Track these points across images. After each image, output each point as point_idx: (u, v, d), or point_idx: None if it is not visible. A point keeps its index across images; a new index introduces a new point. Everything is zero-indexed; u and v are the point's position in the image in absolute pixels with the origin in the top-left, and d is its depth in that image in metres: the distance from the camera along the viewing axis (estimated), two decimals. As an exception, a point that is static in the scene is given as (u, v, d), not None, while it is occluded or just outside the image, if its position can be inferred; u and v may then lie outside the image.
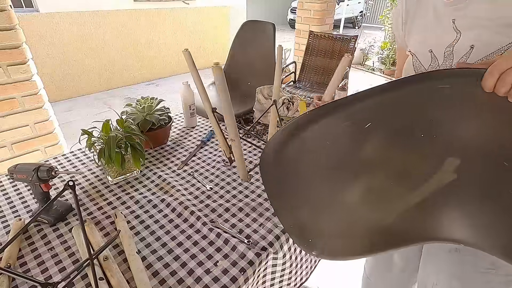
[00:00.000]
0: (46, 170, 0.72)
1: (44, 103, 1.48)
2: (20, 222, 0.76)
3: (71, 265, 0.67)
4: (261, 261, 0.69)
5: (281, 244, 0.75)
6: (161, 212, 0.83)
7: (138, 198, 0.88)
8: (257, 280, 0.72)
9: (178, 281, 0.64)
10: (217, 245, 0.72)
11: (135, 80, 4.78)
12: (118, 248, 0.71)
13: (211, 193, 0.91)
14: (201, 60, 5.69)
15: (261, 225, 0.79)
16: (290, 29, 10.21)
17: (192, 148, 1.16)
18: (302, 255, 0.87)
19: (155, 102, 1.13)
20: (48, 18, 3.59)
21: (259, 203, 0.87)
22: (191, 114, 1.30)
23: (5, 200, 0.86)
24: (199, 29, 5.38)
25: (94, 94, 4.30)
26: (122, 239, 0.71)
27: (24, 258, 0.68)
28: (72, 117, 3.53)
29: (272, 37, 1.42)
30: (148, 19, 4.58)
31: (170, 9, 4.82)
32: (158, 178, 0.97)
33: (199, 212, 0.83)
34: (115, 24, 4.23)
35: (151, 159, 1.09)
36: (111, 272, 0.62)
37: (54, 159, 1.08)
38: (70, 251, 0.70)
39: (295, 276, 0.86)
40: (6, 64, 1.31)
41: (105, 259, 0.65)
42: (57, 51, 3.79)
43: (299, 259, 0.87)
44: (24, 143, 1.46)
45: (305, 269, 0.90)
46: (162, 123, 1.11)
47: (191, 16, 5.17)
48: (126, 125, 0.95)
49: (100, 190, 0.92)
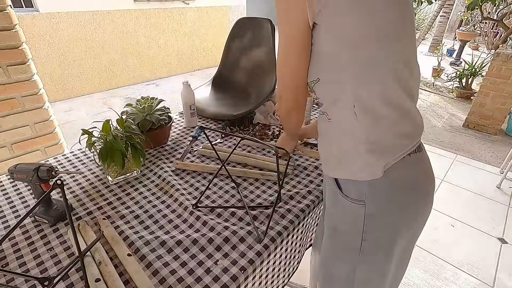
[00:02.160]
0: (46, 170, 0.72)
1: (44, 103, 1.48)
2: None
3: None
4: (262, 260, 0.69)
5: (281, 240, 0.75)
6: (161, 212, 0.83)
7: (138, 199, 0.88)
8: (259, 281, 0.72)
9: (178, 280, 0.63)
10: (216, 243, 0.72)
11: (135, 80, 4.78)
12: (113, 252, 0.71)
13: (210, 193, 0.91)
14: (201, 60, 5.69)
15: (261, 223, 0.79)
16: (290, 29, 10.19)
17: (192, 147, 1.16)
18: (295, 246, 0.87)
19: (155, 102, 1.13)
20: (48, 18, 3.59)
21: (259, 203, 0.87)
22: (191, 114, 1.30)
23: (5, 200, 0.86)
24: (199, 29, 5.38)
25: (94, 94, 4.30)
26: (112, 245, 0.71)
27: (23, 258, 0.68)
28: (72, 117, 3.53)
29: (270, 34, 1.37)
30: (148, 19, 4.59)
31: (170, 9, 4.82)
32: (158, 178, 0.97)
33: (198, 212, 0.83)
34: (115, 24, 4.24)
35: (151, 159, 1.09)
36: (106, 276, 0.62)
37: (54, 159, 1.08)
38: (70, 251, 0.70)
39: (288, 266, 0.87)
40: (6, 64, 1.31)
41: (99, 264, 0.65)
42: (57, 51, 3.79)
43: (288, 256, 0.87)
44: (24, 143, 1.46)
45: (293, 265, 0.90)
46: (162, 123, 1.11)
47: (191, 16, 5.17)
48: (126, 125, 0.95)
49: (100, 190, 0.92)
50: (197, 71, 5.65)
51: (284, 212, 0.82)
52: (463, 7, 7.30)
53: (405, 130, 0.62)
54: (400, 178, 0.62)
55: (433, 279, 1.55)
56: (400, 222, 0.65)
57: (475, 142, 3.07)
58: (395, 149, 0.60)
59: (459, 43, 5.96)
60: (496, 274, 1.58)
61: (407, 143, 0.62)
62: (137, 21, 4.46)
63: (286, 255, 0.81)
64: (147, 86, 4.73)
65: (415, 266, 1.61)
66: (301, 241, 0.88)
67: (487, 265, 1.63)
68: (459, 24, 7.55)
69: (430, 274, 1.57)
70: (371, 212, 0.63)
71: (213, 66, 5.77)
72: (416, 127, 0.64)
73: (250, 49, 1.48)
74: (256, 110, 1.34)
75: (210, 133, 1.26)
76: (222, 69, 1.59)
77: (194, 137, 1.22)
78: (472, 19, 6.34)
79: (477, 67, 4.10)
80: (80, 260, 0.58)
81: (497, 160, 2.70)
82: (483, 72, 4.00)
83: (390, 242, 0.66)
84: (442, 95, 4.43)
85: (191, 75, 5.39)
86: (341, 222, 0.70)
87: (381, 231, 0.65)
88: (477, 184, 2.34)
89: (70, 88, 4.06)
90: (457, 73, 4.32)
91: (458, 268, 1.61)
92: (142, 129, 1.05)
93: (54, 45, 3.72)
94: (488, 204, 2.12)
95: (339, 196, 0.67)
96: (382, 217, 0.64)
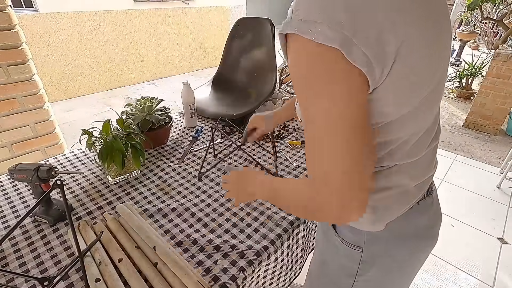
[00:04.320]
0: (46, 170, 0.72)
1: (44, 103, 1.48)
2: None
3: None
4: (261, 260, 0.69)
5: (282, 242, 0.75)
6: (161, 212, 0.83)
7: (138, 199, 0.88)
8: (256, 281, 0.72)
9: (178, 281, 0.63)
10: (216, 243, 0.72)
11: (135, 80, 4.78)
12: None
13: (212, 192, 0.91)
14: (201, 60, 5.69)
15: (262, 224, 0.79)
16: (290, 29, 10.20)
17: (192, 148, 1.16)
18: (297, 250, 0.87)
19: (155, 102, 1.13)
20: (48, 18, 3.59)
21: (260, 202, 0.87)
22: (191, 114, 1.30)
23: (5, 200, 0.86)
24: (199, 29, 5.38)
25: (94, 94, 4.30)
26: (107, 246, 0.70)
27: (23, 258, 0.68)
28: (72, 117, 3.53)
29: (269, 35, 1.37)
30: (148, 19, 4.58)
31: (170, 9, 4.82)
32: (158, 179, 0.97)
33: (199, 212, 0.83)
34: (115, 24, 4.23)
35: (151, 159, 1.09)
36: (106, 276, 0.62)
37: (54, 159, 1.08)
38: (70, 251, 0.70)
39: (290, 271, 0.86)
40: (6, 64, 1.31)
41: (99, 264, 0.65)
42: (57, 51, 3.78)
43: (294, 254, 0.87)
44: (24, 143, 1.46)
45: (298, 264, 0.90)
46: (162, 123, 1.11)
47: (191, 16, 5.17)
48: (126, 125, 0.95)
49: (100, 190, 0.92)
50: (197, 71, 5.65)
51: (284, 214, 0.82)
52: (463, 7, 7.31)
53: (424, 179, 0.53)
54: (404, 228, 0.54)
55: (433, 279, 1.54)
56: (401, 270, 0.59)
57: (475, 142, 3.07)
58: (405, 204, 0.52)
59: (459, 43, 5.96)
60: (496, 274, 1.58)
61: (419, 193, 0.53)
62: (137, 21, 4.45)
63: (288, 259, 0.81)
64: (147, 86, 4.73)
65: (415, 266, 1.61)
66: (303, 246, 0.87)
67: (487, 265, 1.63)
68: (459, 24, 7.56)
69: (430, 274, 1.57)
70: (368, 259, 0.56)
71: (213, 66, 5.77)
72: (433, 169, 0.55)
73: (250, 49, 1.48)
74: (256, 110, 1.34)
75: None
76: (222, 69, 1.59)
77: (194, 137, 1.22)
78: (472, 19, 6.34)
79: (477, 67, 4.09)
80: (80, 260, 0.58)
81: (497, 160, 2.70)
82: (483, 72, 4.00)
83: (386, 283, 0.61)
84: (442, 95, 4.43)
85: (191, 75, 5.39)
86: (332, 260, 0.63)
87: (376, 277, 0.58)
88: (477, 184, 2.34)
89: (70, 88, 4.06)
90: (457, 73, 4.31)
91: (458, 268, 1.61)
92: (142, 129, 1.05)
93: (54, 45, 3.72)
94: (488, 204, 2.12)
95: (334, 236, 0.60)
96: (380, 266, 0.57)
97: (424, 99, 0.43)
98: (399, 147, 0.46)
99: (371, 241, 0.55)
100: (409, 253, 0.57)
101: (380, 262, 0.56)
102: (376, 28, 0.34)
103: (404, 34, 0.36)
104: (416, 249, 0.57)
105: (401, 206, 0.52)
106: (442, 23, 0.41)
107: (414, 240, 0.56)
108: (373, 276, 0.58)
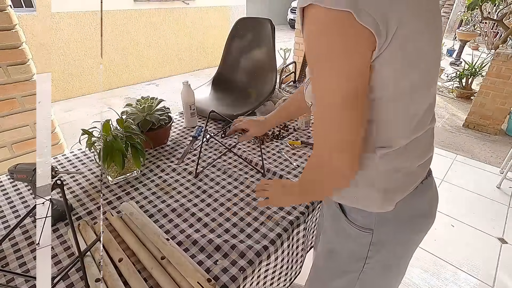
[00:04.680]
0: (46, 170, 0.72)
1: (44, 103, 1.48)
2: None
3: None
4: (261, 260, 0.69)
5: (282, 241, 0.75)
6: (161, 212, 0.83)
7: (138, 199, 0.88)
8: (257, 281, 0.72)
9: (178, 281, 0.63)
10: (216, 243, 0.72)
11: (135, 80, 4.78)
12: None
13: (212, 192, 0.91)
14: (201, 60, 5.69)
15: (262, 224, 0.79)
16: (290, 29, 10.21)
17: (192, 148, 1.16)
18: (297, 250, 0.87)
19: (155, 102, 1.13)
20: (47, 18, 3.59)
21: (259, 203, 0.87)
22: (191, 114, 1.30)
23: (5, 200, 0.86)
24: (199, 29, 5.38)
25: (94, 94, 4.30)
26: (107, 246, 0.70)
27: (23, 258, 0.68)
28: (72, 117, 3.53)
29: (270, 35, 1.37)
30: (148, 19, 4.58)
31: (170, 9, 4.82)
32: (158, 179, 0.97)
33: (199, 212, 0.83)
34: (115, 24, 4.23)
35: (152, 159, 1.09)
36: (106, 276, 0.62)
37: (54, 159, 1.08)
38: (70, 251, 0.70)
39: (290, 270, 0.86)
40: (6, 64, 1.31)
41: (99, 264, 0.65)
42: (57, 51, 3.78)
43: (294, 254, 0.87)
44: (24, 143, 1.46)
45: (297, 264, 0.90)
46: (162, 123, 1.11)
47: (191, 16, 5.17)
48: (126, 125, 0.95)
49: (100, 190, 0.92)
50: (197, 71, 5.65)
51: (284, 214, 0.82)
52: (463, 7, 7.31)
53: (426, 159, 0.58)
54: (411, 207, 0.59)
55: (433, 279, 1.54)
56: (407, 249, 0.64)
57: (475, 142, 3.07)
58: (411, 184, 0.57)
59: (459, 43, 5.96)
60: (496, 274, 1.58)
61: (423, 173, 0.59)
62: (137, 21, 4.45)
63: (288, 259, 0.81)
64: (147, 86, 4.73)
65: (415, 266, 1.61)
66: (303, 245, 0.87)
67: (487, 265, 1.63)
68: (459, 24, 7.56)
69: (430, 274, 1.57)
70: (378, 241, 0.60)
71: (213, 66, 5.77)
72: (432, 150, 0.60)
73: (250, 49, 1.48)
74: (256, 110, 1.34)
75: (212, 130, 1.26)
76: (222, 69, 1.59)
77: (194, 137, 1.23)
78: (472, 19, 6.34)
79: (477, 67, 4.09)
80: (80, 260, 0.58)
81: (497, 160, 2.70)
82: (483, 72, 4.00)
83: (394, 264, 0.65)
84: (442, 95, 4.42)
85: (191, 75, 5.39)
86: (342, 247, 0.66)
87: (385, 257, 0.62)
88: (477, 184, 2.34)
89: (70, 88, 4.06)
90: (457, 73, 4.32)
91: (458, 268, 1.61)
92: (142, 129, 1.05)
93: (54, 45, 3.72)
94: (488, 204, 2.12)
95: (344, 221, 0.63)
96: (389, 246, 0.61)
97: (422, 75, 0.47)
98: (404, 124, 0.50)
99: (380, 223, 0.59)
100: (415, 232, 0.62)
101: (389, 243, 0.61)
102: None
103: (405, 7, 0.40)
104: (420, 227, 0.62)
105: (409, 186, 0.56)
106: (435, 13, 0.46)
107: (419, 219, 0.61)
108: (382, 257, 0.62)
